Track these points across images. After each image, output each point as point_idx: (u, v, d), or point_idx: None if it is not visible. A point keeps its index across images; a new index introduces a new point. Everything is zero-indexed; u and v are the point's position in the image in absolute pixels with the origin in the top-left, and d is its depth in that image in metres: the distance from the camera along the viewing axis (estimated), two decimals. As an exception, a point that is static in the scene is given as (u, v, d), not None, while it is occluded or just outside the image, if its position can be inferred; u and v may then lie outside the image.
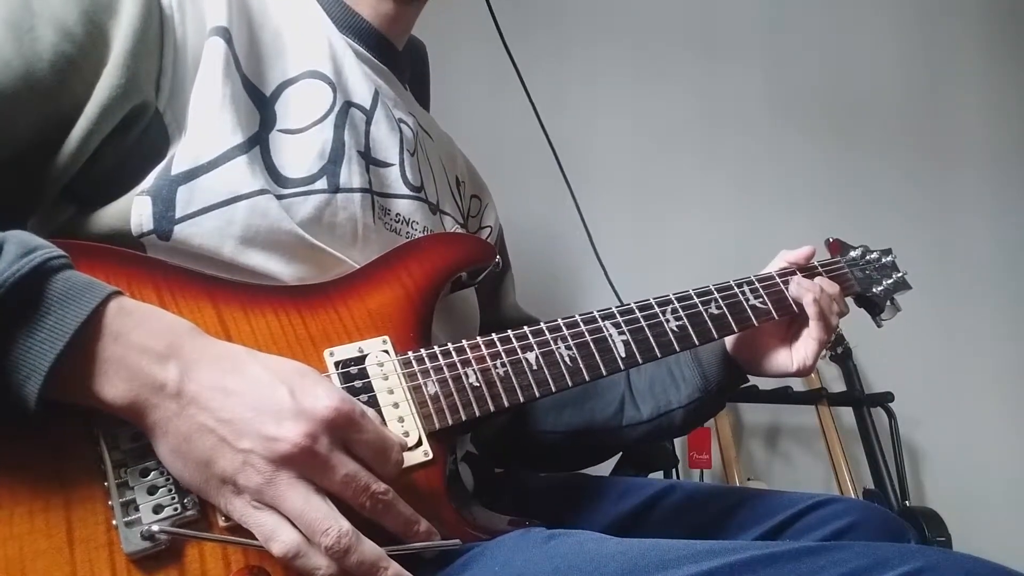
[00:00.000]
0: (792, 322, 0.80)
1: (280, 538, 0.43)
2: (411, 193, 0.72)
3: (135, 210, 0.53)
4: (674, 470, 1.46)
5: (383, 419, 0.54)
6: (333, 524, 0.44)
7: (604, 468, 1.23)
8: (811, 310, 0.76)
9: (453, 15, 1.40)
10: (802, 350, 0.77)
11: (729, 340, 0.82)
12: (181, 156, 0.55)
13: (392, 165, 0.71)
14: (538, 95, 1.03)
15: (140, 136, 0.56)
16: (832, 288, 0.79)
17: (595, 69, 1.92)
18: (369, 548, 0.45)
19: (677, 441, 1.69)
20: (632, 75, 1.92)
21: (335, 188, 0.63)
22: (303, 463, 0.44)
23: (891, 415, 1.59)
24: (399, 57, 0.81)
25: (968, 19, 1.97)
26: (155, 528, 0.43)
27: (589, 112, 1.90)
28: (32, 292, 0.42)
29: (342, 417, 0.46)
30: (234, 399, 0.44)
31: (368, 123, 0.70)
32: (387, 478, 0.48)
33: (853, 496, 1.53)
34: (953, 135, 1.93)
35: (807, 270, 0.82)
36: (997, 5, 1.98)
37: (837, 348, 1.67)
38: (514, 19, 1.00)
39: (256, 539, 0.45)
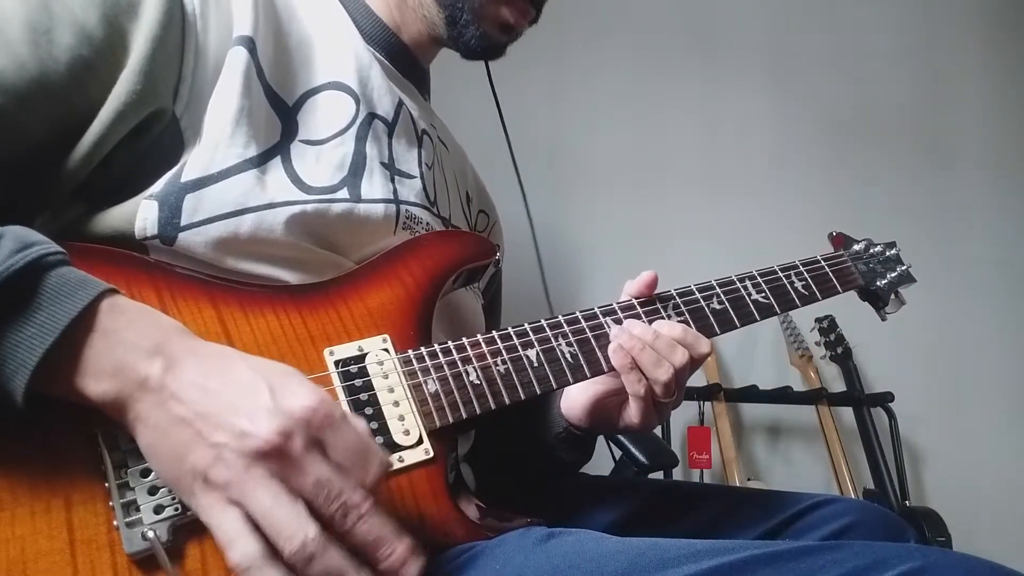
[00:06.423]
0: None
1: (238, 546, 0.41)
2: (428, 205, 0.73)
3: (140, 213, 0.53)
4: (674, 470, 1.46)
5: (384, 419, 0.54)
6: (299, 528, 0.41)
7: (604, 468, 1.23)
8: (616, 359, 0.64)
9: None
10: (628, 410, 0.67)
11: (579, 413, 0.73)
12: (192, 164, 0.55)
13: (415, 177, 0.72)
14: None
15: (155, 141, 0.55)
16: (671, 331, 0.65)
17: (595, 68, 1.91)
18: (336, 558, 0.41)
19: (677, 441, 1.69)
20: (632, 74, 1.92)
21: (357, 199, 0.63)
22: (276, 461, 0.42)
23: (891, 415, 1.60)
24: (424, 75, 0.83)
25: (969, 20, 1.97)
26: (156, 529, 0.43)
27: (589, 111, 1.90)
28: (26, 287, 0.42)
29: (319, 417, 0.43)
30: (214, 395, 0.43)
31: (390, 135, 0.70)
32: (367, 485, 0.44)
33: (853, 496, 1.53)
34: (954, 136, 1.93)
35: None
36: (998, 5, 1.98)
37: (837, 348, 1.67)
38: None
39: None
